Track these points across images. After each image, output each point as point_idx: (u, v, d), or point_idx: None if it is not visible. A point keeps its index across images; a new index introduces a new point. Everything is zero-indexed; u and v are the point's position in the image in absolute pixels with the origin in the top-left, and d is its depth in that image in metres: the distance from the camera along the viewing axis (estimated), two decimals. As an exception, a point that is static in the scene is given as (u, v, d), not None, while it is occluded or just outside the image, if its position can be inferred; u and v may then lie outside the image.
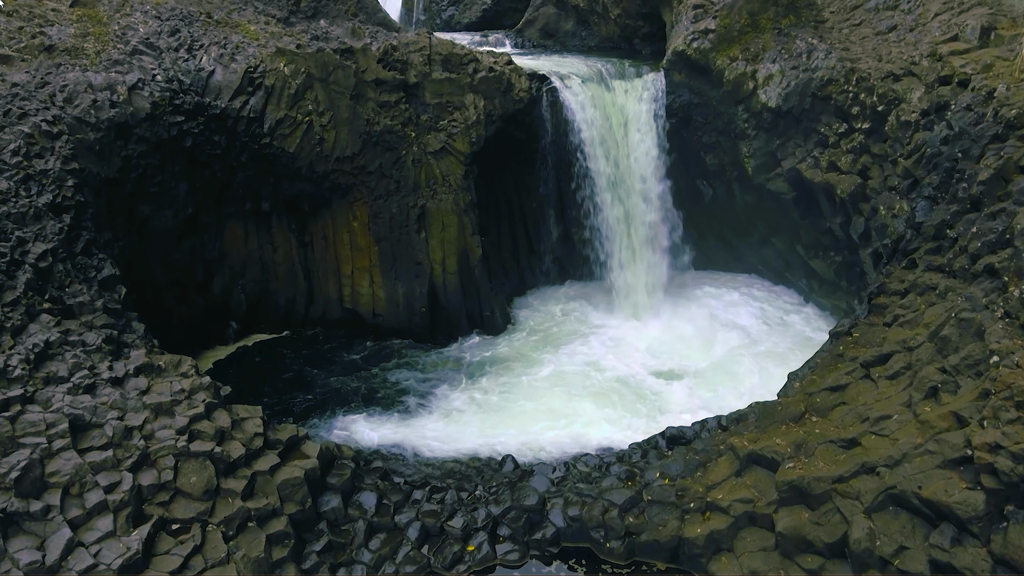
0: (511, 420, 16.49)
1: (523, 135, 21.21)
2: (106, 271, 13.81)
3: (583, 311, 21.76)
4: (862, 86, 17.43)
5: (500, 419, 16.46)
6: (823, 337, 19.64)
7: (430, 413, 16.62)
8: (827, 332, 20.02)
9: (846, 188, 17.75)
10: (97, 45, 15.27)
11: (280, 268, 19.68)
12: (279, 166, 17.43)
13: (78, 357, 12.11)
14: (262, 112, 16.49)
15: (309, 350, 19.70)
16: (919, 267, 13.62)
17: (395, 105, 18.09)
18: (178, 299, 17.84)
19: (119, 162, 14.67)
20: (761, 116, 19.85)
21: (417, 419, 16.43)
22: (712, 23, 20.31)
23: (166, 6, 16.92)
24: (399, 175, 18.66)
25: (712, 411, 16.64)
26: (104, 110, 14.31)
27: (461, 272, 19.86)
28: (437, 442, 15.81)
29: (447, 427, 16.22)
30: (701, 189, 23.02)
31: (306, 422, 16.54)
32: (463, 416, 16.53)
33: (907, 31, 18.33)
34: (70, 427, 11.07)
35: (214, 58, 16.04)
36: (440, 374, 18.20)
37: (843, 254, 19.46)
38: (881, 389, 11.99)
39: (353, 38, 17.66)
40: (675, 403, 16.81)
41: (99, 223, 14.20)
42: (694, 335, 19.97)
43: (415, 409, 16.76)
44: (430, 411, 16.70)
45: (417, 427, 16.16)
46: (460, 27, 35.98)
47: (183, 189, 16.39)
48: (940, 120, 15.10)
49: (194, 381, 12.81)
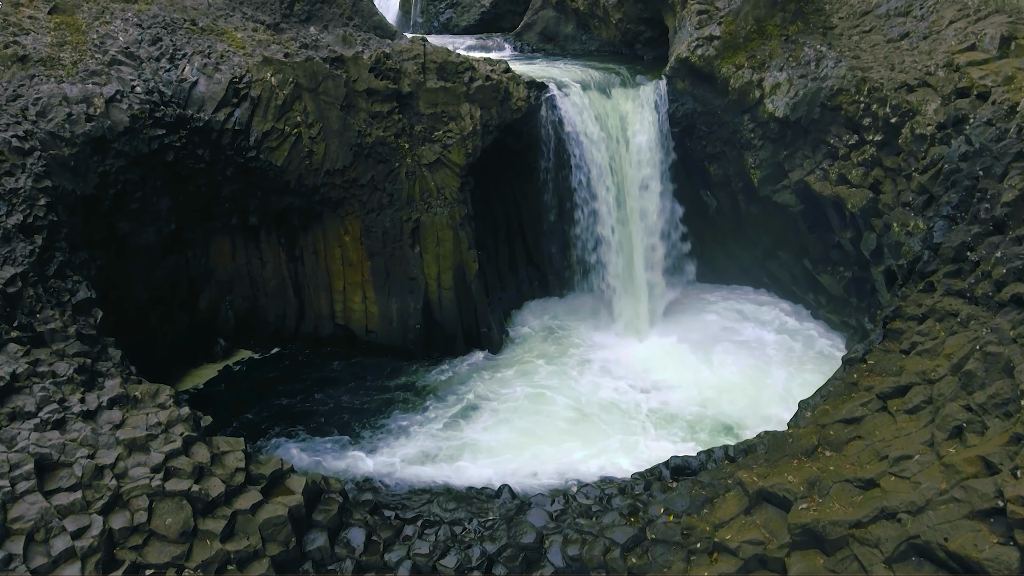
0: (507, 446, 15.81)
1: (521, 144, 20.51)
2: (81, 294, 13.10)
3: (583, 327, 21.07)
4: (874, 97, 16.72)
5: (496, 445, 15.77)
6: (833, 355, 19.04)
7: (424, 439, 15.92)
8: (837, 349, 19.48)
9: (857, 203, 17.04)
10: (74, 55, 14.56)
11: (269, 283, 18.98)
12: (266, 180, 16.73)
13: (47, 390, 11.40)
14: (248, 124, 15.77)
15: (299, 369, 19.01)
16: (937, 291, 12.92)
17: (388, 115, 17.38)
18: (162, 317, 17.14)
19: (96, 178, 13.96)
20: (768, 126, 19.15)
21: (410, 445, 15.74)
22: (717, 29, 19.60)
23: (148, 13, 16.21)
24: (392, 188, 17.96)
25: (717, 435, 16.01)
26: (80, 124, 13.59)
27: (457, 288, 19.17)
28: (431, 470, 15.13)
29: (441, 454, 15.53)
30: (705, 200, 22.31)
31: (293, 444, 15.85)
32: (458, 442, 15.83)
33: (920, 39, 17.63)
34: (36, 467, 10.36)
35: (197, 68, 15.32)
36: (434, 396, 17.50)
37: (853, 270, 18.76)
38: (900, 424, 11.29)
39: (344, 46, 16.95)
40: (678, 429, 16.11)
41: (74, 243, 13.50)
42: (697, 355, 19.27)
43: (408, 434, 16.06)
44: (424, 436, 15.99)
45: (410, 454, 15.47)
46: (458, 30, 35.30)
47: (165, 204, 15.68)
48: (958, 134, 14.39)
49: (172, 413, 12.11)
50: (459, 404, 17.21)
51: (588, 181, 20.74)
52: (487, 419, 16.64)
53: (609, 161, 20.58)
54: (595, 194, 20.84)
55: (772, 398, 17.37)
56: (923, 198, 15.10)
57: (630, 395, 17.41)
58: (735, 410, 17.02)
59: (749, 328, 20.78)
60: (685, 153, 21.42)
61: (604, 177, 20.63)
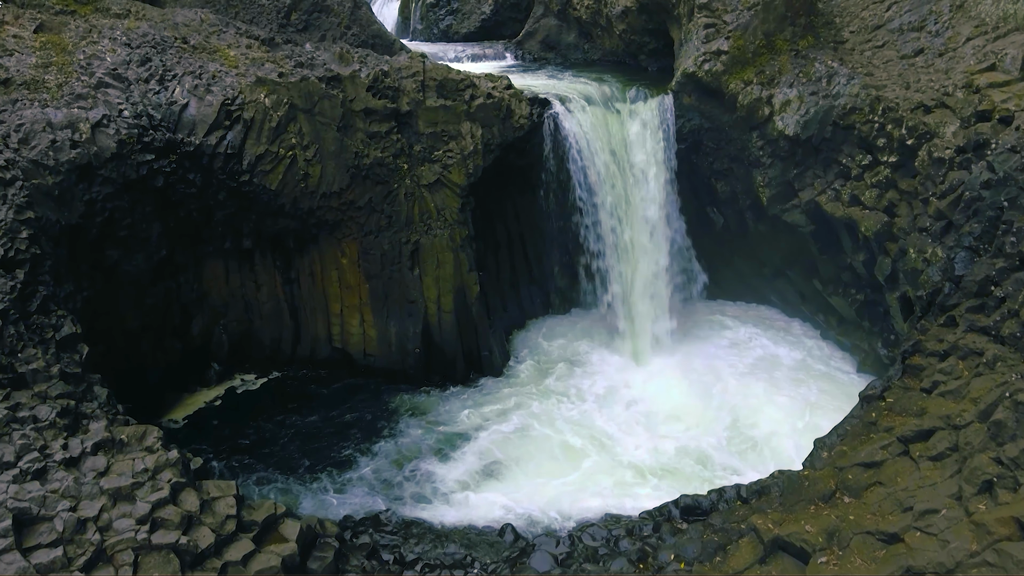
0: (509, 481, 15.28)
1: (523, 161, 19.96)
2: (65, 329, 12.55)
3: (587, 348, 20.50)
4: (889, 117, 16.16)
5: (498, 480, 15.23)
6: (844, 380, 18.49)
7: (423, 473, 15.36)
8: (848, 374, 18.92)
9: (871, 226, 16.48)
10: (59, 77, 13.99)
11: (264, 307, 18.42)
12: (260, 204, 16.17)
13: (27, 437, 10.85)
14: (240, 147, 15.21)
15: (295, 394, 18.45)
16: (960, 326, 12.37)
17: (386, 136, 16.82)
18: (153, 345, 16.59)
19: (82, 207, 13.40)
20: (777, 144, 18.59)
21: (410, 481, 15.18)
22: (725, 44, 19.03)
23: (137, 31, 15.63)
24: (391, 210, 17.40)
25: (727, 471, 15.46)
26: (64, 151, 13.03)
27: (457, 310, 18.62)
28: (431, 507, 14.60)
29: (442, 489, 14.98)
30: (711, 216, 21.77)
31: (287, 480, 15.31)
32: (458, 477, 15.28)
33: (936, 56, 17.06)
34: (14, 523, 9.81)
35: (188, 89, 14.75)
36: (434, 426, 16.94)
37: (865, 292, 18.21)
38: (924, 473, 10.75)
39: (340, 64, 16.38)
40: (686, 462, 15.55)
41: (58, 275, 12.94)
42: (702, 381, 18.69)
43: (406, 469, 15.49)
44: (423, 471, 15.43)
45: (410, 490, 14.92)
46: (458, 37, 34.75)
47: (156, 231, 15.12)
48: (979, 159, 13.84)
49: (159, 457, 11.55)
50: (459, 436, 16.64)
51: (591, 197, 20.19)
52: (489, 451, 16.09)
53: (613, 177, 20.03)
54: (598, 211, 20.29)
55: (783, 428, 16.80)
56: (941, 224, 14.54)
57: (636, 425, 16.85)
58: (745, 442, 16.48)
59: (757, 350, 20.22)
60: (691, 169, 20.87)
61: (607, 194, 20.09)
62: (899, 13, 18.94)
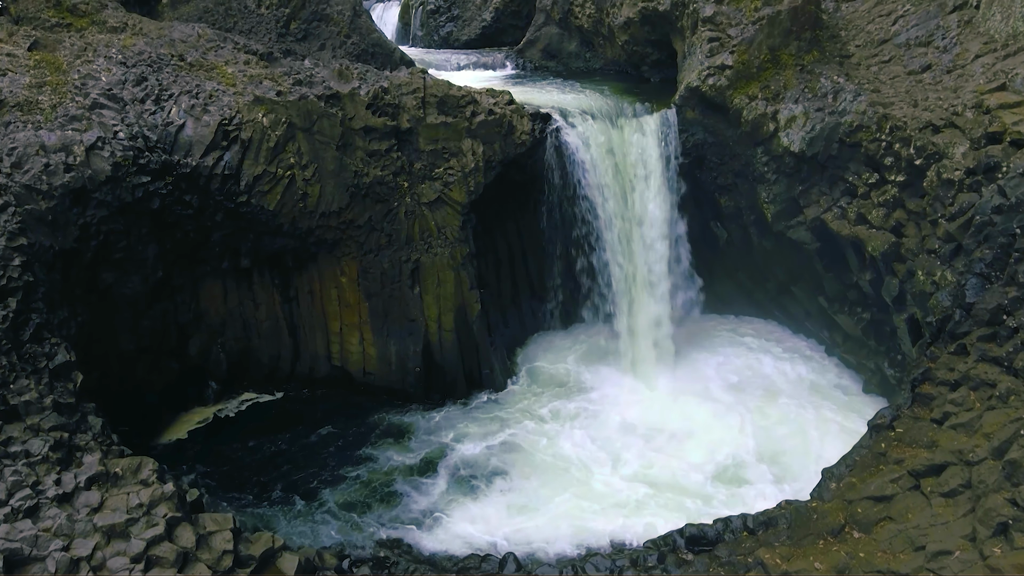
0: (511, 507, 15.03)
1: (524, 176, 19.71)
2: (59, 357, 12.30)
3: (587, 367, 20.25)
4: (896, 136, 15.91)
5: (498, 508, 14.99)
6: (852, 401, 18.24)
7: (422, 499, 15.12)
8: (855, 394, 18.67)
9: (878, 246, 16.24)
10: (54, 98, 13.74)
11: (263, 325, 18.18)
12: (258, 224, 15.92)
13: (19, 473, 10.62)
14: (238, 168, 14.96)
15: (294, 414, 18.22)
16: (971, 356, 12.13)
17: (386, 154, 16.57)
18: (150, 366, 16.36)
19: (76, 231, 13.16)
20: (782, 160, 18.34)
21: (409, 507, 14.94)
22: (729, 58, 18.77)
23: (133, 49, 15.38)
24: (390, 228, 17.16)
25: (732, 499, 15.21)
26: (58, 175, 12.77)
27: (458, 329, 18.38)
28: (432, 534, 14.37)
29: (443, 517, 14.74)
30: (715, 231, 21.52)
31: (284, 508, 15.07)
32: (459, 503, 15.05)
33: (944, 72, 16.82)
34: (5, 565, 9.59)
35: (184, 109, 14.50)
36: (434, 448, 16.70)
37: (871, 311, 17.96)
38: (936, 510, 10.51)
39: (340, 81, 16.13)
40: (691, 490, 15.30)
41: (52, 302, 12.70)
42: (705, 402, 18.45)
43: (405, 495, 15.25)
44: (424, 497, 15.20)
45: (409, 517, 14.68)
46: (459, 44, 34.51)
47: (152, 252, 14.88)
48: (989, 182, 13.60)
49: (155, 491, 11.32)
50: (460, 460, 16.38)
51: (593, 212, 19.95)
52: (489, 476, 15.86)
53: (615, 192, 19.79)
54: (600, 226, 20.06)
55: (787, 449, 16.59)
56: (951, 247, 14.29)
57: (639, 448, 16.60)
58: (748, 462, 16.24)
59: (760, 368, 19.98)
60: (695, 184, 20.62)
61: (610, 208, 19.84)
62: (905, 27, 18.70)
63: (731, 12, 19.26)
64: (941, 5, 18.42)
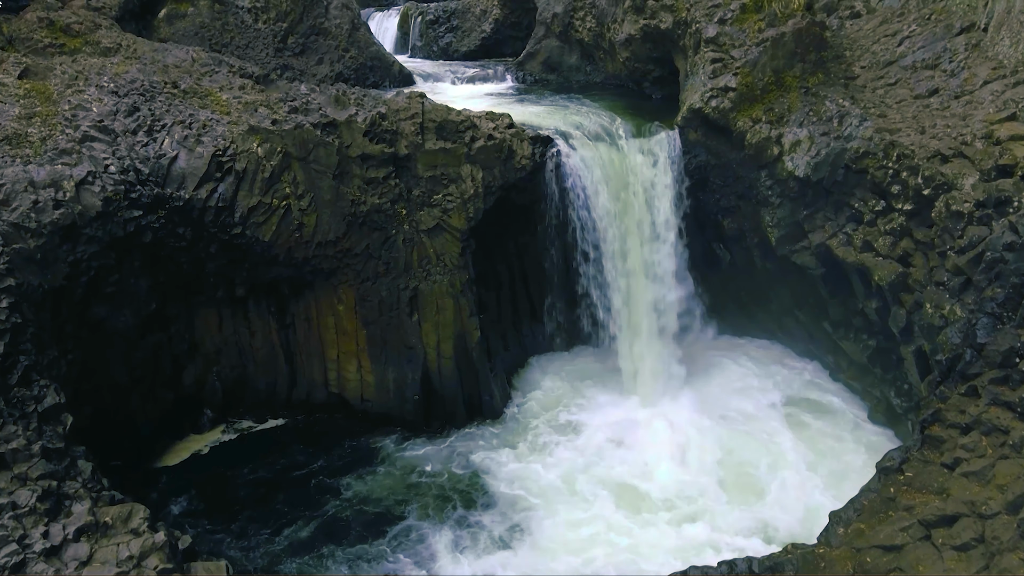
0: (508, 550, 14.72)
1: (524, 198, 19.41)
2: (48, 400, 12.01)
3: (588, 392, 19.98)
4: (904, 164, 15.60)
5: (497, 548, 14.69)
6: (857, 429, 17.91)
7: (419, 542, 14.80)
8: (861, 421, 18.38)
9: (885, 276, 15.93)
10: (43, 130, 13.44)
11: (259, 353, 17.89)
12: (253, 254, 15.63)
13: (6, 527, 10.33)
14: (232, 200, 14.66)
15: (291, 442, 17.91)
16: (983, 398, 11.84)
17: (384, 181, 16.27)
18: (144, 397, 16.08)
19: (66, 268, 12.86)
20: (787, 184, 18.04)
21: (405, 549, 14.63)
22: (732, 80, 18.46)
23: (125, 77, 15.07)
24: (388, 256, 16.87)
25: (737, 535, 14.93)
26: (47, 212, 12.48)
27: (457, 356, 18.09)
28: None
29: (439, 560, 14.44)
30: (718, 253, 21.23)
31: (282, 544, 14.79)
32: (455, 546, 14.72)
33: (952, 98, 16.51)
34: (-11, 627, 9.35)
35: (177, 140, 14.19)
36: (433, 481, 16.40)
37: (877, 339, 17.65)
38: (948, 564, 10.23)
39: (336, 107, 15.82)
40: (694, 527, 15.01)
41: (41, 342, 12.40)
42: (707, 424, 18.21)
43: (401, 536, 14.92)
44: (419, 539, 14.87)
45: (403, 563, 14.37)
46: (458, 55, 34.24)
47: (144, 285, 14.58)
48: (1000, 216, 13.29)
49: (145, 541, 11.03)
50: (460, 495, 16.09)
51: (595, 234, 19.66)
52: (488, 511, 15.57)
53: (616, 214, 19.49)
54: (601, 247, 19.77)
55: (791, 481, 16.29)
56: (959, 280, 13.99)
57: (642, 481, 16.31)
58: (751, 496, 15.96)
59: (763, 392, 19.70)
60: (697, 205, 20.33)
61: (611, 230, 19.55)
62: (912, 49, 18.40)
63: (734, 33, 18.96)
64: (948, 27, 18.12)
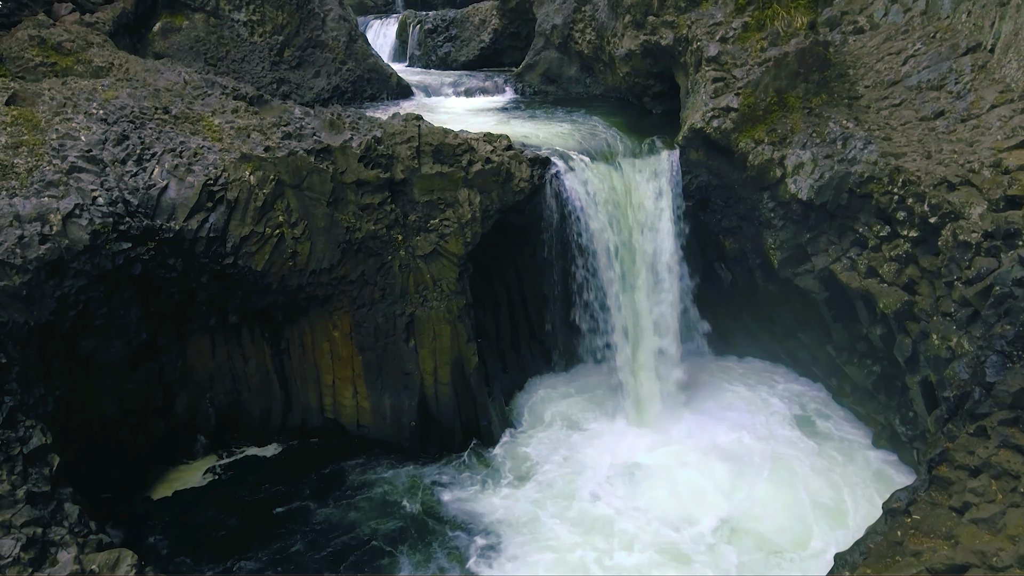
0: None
1: (522, 219, 19.11)
2: (34, 441, 11.72)
3: (586, 415, 19.70)
4: (910, 191, 15.30)
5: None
6: (861, 455, 17.61)
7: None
8: (865, 447, 18.07)
9: (890, 304, 15.64)
10: (30, 160, 13.13)
11: (253, 379, 17.59)
12: (246, 283, 15.33)
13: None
14: (224, 229, 14.35)
15: (285, 468, 17.62)
16: (992, 439, 11.54)
17: (379, 207, 15.97)
18: (134, 428, 15.78)
19: (52, 303, 12.55)
20: (789, 206, 17.74)
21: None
22: (735, 101, 18.15)
23: (115, 103, 14.75)
24: (384, 282, 16.57)
25: (741, 564, 14.65)
26: (33, 247, 12.18)
27: (455, 382, 17.79)
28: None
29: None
30: (719, 273, 20.93)
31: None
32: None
33: (958, 121, 16.19)
34: None
35: (167, 170, 13.88)
36: (433, 517, 16.08)
37: (882, 365, 17.36)
38: (958, 618, 9.95)
39: (331, 132, 15.51)
40: (694, 569, 14.71)
41: (27, 381, 12.11)
42: (709, 451, 17.92)
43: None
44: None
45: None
46: (457, 64, 34.04)
47: (134, 316, 14.28)
48: (1009, 248, 13.00)
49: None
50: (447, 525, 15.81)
51: (593, 254, 19.37)
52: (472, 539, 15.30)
53: (616, 233, 19.21)
54: (601, 268, 19.47)
55: (796, 511, 16.03)
56: (967, 312, 13.69)
57: (645, 520, 15.96)
58: (753, 528, 15.67)
59: (766, 416, 19.41)
60: (698, 225, 20.05)
61: (611, 251, 19.26)
62: (916, 69, 18.08)
63: (736, 51, 18.65)
64: (953, 46, 17.80)
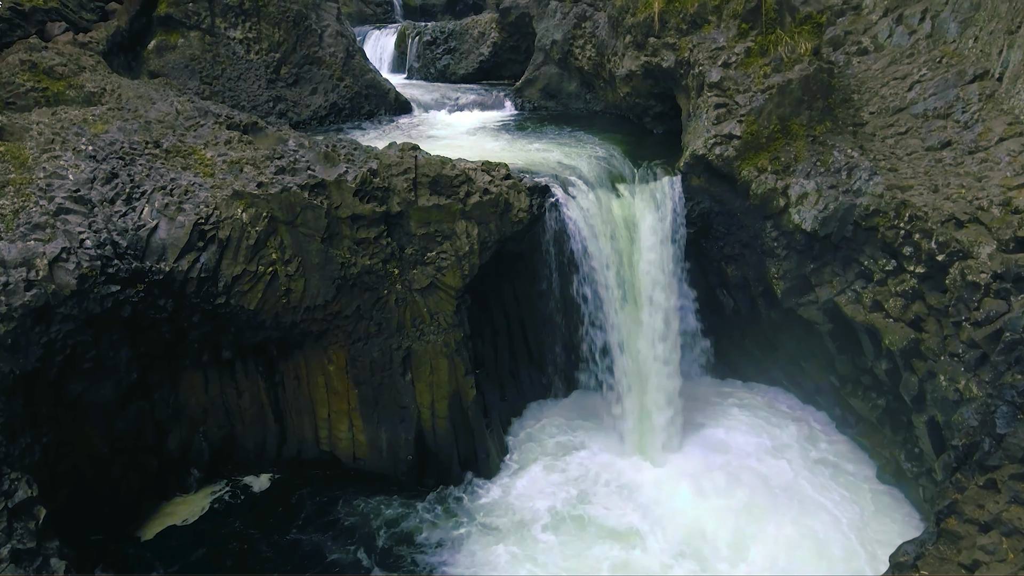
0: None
1: (521, 247, 18.81)
2: (20, 494, 11.42)
3: (586, 444, 19.35)
4: (916, 226, 14.99)
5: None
6: (866, 488, 17.28)
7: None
8: (870, 480, 17.74)
9: (896, 340, 15.33)
10: (16, 201, 12.81)
11: (247, 413, 17.30)
12: (238, 321, 15.02)
13: (-31, 650, 9.78)
14: (216, 269, 14.04)
15: (280, 503, 17.33)
16: (1003, 493, 11.25)
17: (375, 241, 15.66)
18: (126, 467, 15.48)
19: (39, 350, 12.24)
20: (793, 236, 17.44)
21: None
22: (737, 128, 17.83)
23: (105, 138, 14.43)
24: (380, 316, 16.26)
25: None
26: (18, 294, 11.87)
27: (452, 415, 17.49)
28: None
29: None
30: (721, 299, 20.63)
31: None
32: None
33: (966, 153, 15.88)
34: None
35: (157, 209, 13.57)
36: (435, 555, 15.81)
37: (887, 399, 17.07)
38: None
39: (326, 165, 15.20)
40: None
41: (12, 431, 11.81)
42: (709, 484, 17.60)
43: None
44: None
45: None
46: (456, 78, 33.77)
47: (124, 356, 13.98)
48: (1018, 292, 12.70)
49: (120, 653, 10.48)
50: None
51: (593, 280, 19.07)
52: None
53: (617, 259, 18.89)
54: (602, 294, 19.16)
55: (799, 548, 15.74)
56: (975, 354, 13.39)
57: (639, 545, 15.70)
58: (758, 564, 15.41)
59: (769, 447, 19.07)
60: (700, 252, 19.75)
61: (610, 275, 18.95)
62: (923, 96, 17.76)
63: (739, 77, 18.32)
64: (960, 73, 17.49)
